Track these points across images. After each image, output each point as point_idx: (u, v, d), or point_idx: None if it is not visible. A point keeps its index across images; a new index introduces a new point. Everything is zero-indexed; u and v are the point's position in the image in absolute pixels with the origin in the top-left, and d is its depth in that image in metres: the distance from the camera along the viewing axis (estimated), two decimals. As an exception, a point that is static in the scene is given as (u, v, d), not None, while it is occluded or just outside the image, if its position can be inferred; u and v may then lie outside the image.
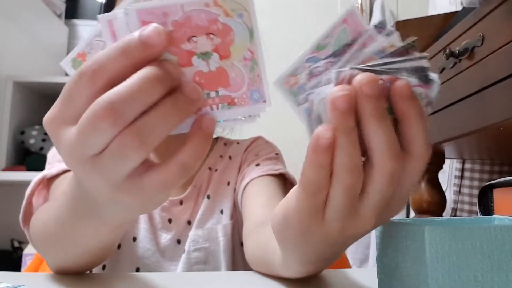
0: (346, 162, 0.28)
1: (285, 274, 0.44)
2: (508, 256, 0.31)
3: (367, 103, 0.28)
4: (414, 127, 0.29)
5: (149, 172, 0.30)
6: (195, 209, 0.74)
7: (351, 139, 0.28)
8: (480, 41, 0.82)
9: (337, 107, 0.28)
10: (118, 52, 0.28)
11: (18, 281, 0.45)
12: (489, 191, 0.86)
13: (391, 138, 0.29)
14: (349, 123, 0.28)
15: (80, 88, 0.29)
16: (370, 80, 0.28)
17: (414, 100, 0.29)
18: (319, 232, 0.32)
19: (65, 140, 0.30)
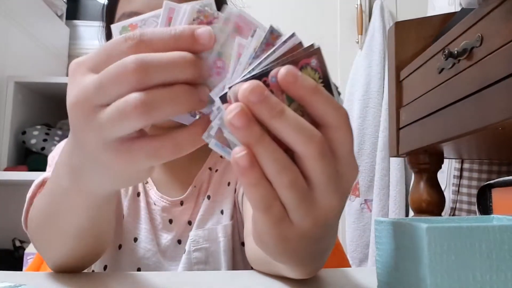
0: (274, 166, 0.29)
1: (290, 276, 0.44)
2: (506, 256, 0.31)
3: (260, 109, 0.28)
4: (315, 102, 0.29)
5: (141, 138, 0.32)
6: (195, 209, 0.75)
7: (267, 144, 0.28)
8: (479, 42, 0.83)
9: (237, 126, 0.28)
10: (169, 35, 0.31)
11: (19, 280, 0.45)
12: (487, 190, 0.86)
13: (300, 125, 0.28)
14: (256, 134, 0.28)
15: (120, 48, 0.31)
16: (251, 89, 0.28)
17: (301, 80, 0.28)
18: (296, 235, 0.32)
19: (81, 82, 0.32)
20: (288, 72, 0.28)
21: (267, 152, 0.28)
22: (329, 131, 0.30)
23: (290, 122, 0.28)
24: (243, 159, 0.28)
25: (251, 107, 0.28)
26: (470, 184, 1.43)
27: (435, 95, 1.02)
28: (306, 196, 0.30)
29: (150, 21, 0.35)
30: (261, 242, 0.35)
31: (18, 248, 1.90)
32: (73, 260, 0.50)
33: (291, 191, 0.29)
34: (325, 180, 0.30)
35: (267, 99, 0.28)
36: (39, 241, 0.51)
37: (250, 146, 0.28)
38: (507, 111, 0.73)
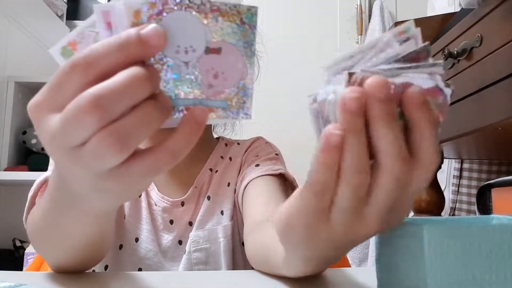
0: (354, 162, 0.29)
1: (287, 274, 0.44)
2: (506, 255, 0.31)
3: (377, 106, 0.28)
4: (424, 134, 0.29)
5: (136, 159, 0.30)
6: (196, 210, 0.75)
7: (360, 140, 0.28)
8: (479, 42, 0.83)
9: (347, 109, 0.28)
10: (114, 47, 0.28)
11: (20, 280, 0.45)
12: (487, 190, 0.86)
13: (399, 141, 0.29)
14: (358, 124, 0.28)
15: (71, 78, 0.29)
16: (381, 84, 0.28)
17: (425, 107, 0.29)
18: (324, 234, 0.32)
19: (47, 127, 0.30)
20: (419, 92, 0.28)
21: (357, 147, 0.28)
22: (416, 165, 0.30)
23: (394, 133, 0.28)
24: (336, 137, 0.28)
25: (371, 99, 0.28)
26: (470, 184, 1.43)
27: (435, 95, 1.02)
28: (359, 206, 0.30)
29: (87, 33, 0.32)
30: (286, 224, 0.34)
31: (18, 248, 1.89)
32: (73, 264, 0.50)
33: (351, 193, 0.30)
34: (383, 203, 0.30)
35: (388, 101, 0.28)
36: (38, 246, 0.50)
37: (345, 131, 0.28)
38: (506, 111, 0.73)
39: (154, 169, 0.30)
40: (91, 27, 0.32)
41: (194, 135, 0.30)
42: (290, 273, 0.43)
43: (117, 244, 0.71)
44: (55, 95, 0.30)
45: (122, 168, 0.30)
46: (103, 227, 0.45)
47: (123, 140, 0.28)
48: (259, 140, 0.85)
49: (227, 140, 0.87)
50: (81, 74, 0.28)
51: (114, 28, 0.30)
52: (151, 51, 0.29)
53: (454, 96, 0.92)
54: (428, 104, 0.29)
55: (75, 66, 0.28)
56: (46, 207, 0.43)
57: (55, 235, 0.45)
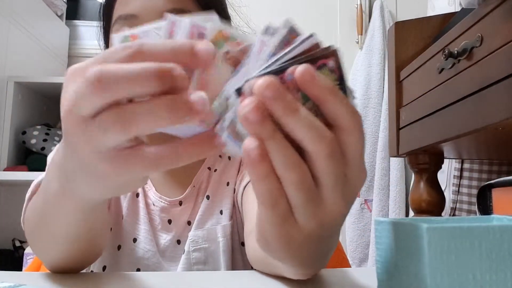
0: (284, 162, 0.29)
1: (290, 277, 0.44)
2: (506, 256, 0.31)
3: (275, 105, 0.28)
4: (331, 102, 0.29)
5: (139, 147, 0.31)
6: (194, 209, 0.74)
7: (278, 140, 0.28)
8: (479, 42, 0.83)
9: (250, 121, 0.28)
10: (168, 47, 0.30)
11: (19, 280, 0.45)
12: (487, 190, 0.86)
13: (312, 123, 0.29)
14: (268, 129, 0.28)
15: (117, 56, 0.30)
16: (267, 84, 0.28)
17: (318, 80, 0.29)
18: (300, 235, 0.32)
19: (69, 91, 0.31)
20: (306, 70, 0.28)
21: (278, 148, 0.29)
22: (341, 133, 0.30)
23: (303, 120, 0.28)
24: (255, 150, 0.28)
25: (266, 102, 0.28)
26: (470, 184, 1.43)
27: (435, 95, 1.02)
28: (313, 196, 0.30)
29: (151, 33, 0.34)
30: (264, 241, 0.34)
31: (18, 248, 1.90)
32: (68, 262, 0.50)
33: (298, 189, 0.30)
34: (332, 181, 0.30)
35: (282, 96, 0.28)
36: (33, 243, 0.51)
37: (261, 140, 0.28)
38: (507, 111, 0.73)
39: (153, 164, 0.31)
40: (157, 29, 0.34)
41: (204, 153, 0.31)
42: (291, 276, 0.43)
43: (115, 245, 0.71)
44: (94, 64, 0.31)
45: (123, 153, 0.31)
46: (94, 221, 0.45)
47: (126, 123, 0.29)
48: None
49: (227, 139, 0.87)
50: (129, 56, 0.30)
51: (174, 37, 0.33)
52: (197, 63, 0.30)
53: (455, 96, 0.92)
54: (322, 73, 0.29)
55: (128, 47, 0.30)
56: (39, 200, 0.44)
57: (46, 228, 0.45)
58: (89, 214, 0.43)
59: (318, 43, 0.30)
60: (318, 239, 0.33)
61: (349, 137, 0.30)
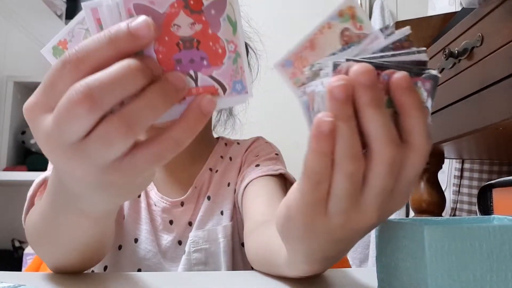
0: (346, 150, 0.29)
1: (289, 274, 0.44)
2: (507, 256, 0.31)
3: (364, 93, 0.28)
4: (413, 118, 0.29)
5: (140, 148, 0.30)
6: (195, 210, 0.74)
7: (350, 127, 0.29)
8: (480, 42, 0.82)
9: (335, 97, 0.28)
10: (105, 41, 0.28)
11: (19, 281, 0.45)
12: (488, 191, 0.86)
13: (388, 126, 0.29)
14: (347, 112, 0.28)
15: (63, 76, 0.29)
16: (366, 70, 0.28)
17: (412, 91, 0.29)
18: (323, 227, 0.32)
19: (42, 128, 0.29)
20: (405, 77, 0.29)
21: (349, 133, 0.29)
22: (408, 150, 0.30)
23: (383, 117, 0.29)
24: (327, 124, 0.28)
25: (357, 86, 0.28)
26: (471, 184, 1.43)
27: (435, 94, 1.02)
28: (354, 194, 0.30)
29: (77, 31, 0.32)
30: (287, 217, 0.34)
31: (17, 248, 1.89)
32: (73, 265, 0.50)
33: (347, 180, 0.30)
34: (378, 190, 0.30)
35: (374, 87, 0.28)
36: (36, 246, 0.50)
37: (335, 120, 0.28)
38: (508, 110, 0.73)
39: (158, 158, 0.30)
40: (80, 24, 0.32)
41: (199, 124, 0.30)
42: (292, 272, 0.43)
43: (116, 245, 0.71)
44: (48, 94, 0.30)
45: (126, 159, 0.30)
46: (104, 228, 0.45)
47: (129, 125, 0.28)
48: (259, 140, 0.84)
49: (227, 140, 0.87)
50: (73, 70, 0.28)
51: (104, 24, 0.30)
52: (141, 43, 0.28)
53: (455, 96, 0.92)
54: (415, 88, 0.30)
55: (66, 63, 0.28)
56: (46, 209, 0.42)
57: (54, 237, 0.44)
58: (100, 224, 0.43)
59: (426, 61, 0.30)
60: (337, 239, 0.33)
61: (414, 156, 0.30)
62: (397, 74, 0.29)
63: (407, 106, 0.29)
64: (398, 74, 0.29)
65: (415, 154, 0.30)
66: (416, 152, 0.30)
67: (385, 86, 0.29)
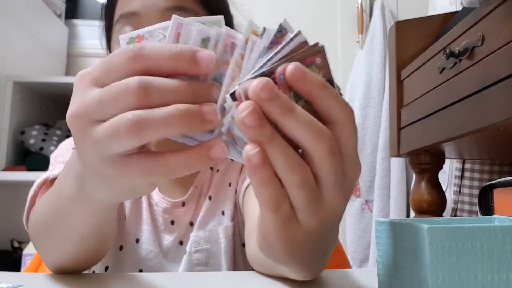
0: (285, 164, 0.29)
1: (289, 276, 0.44)
2: (508, 256, 0.31)
3: (271, 106, 0.28)
4: (323, 98, 0.29)
5: (139, 155, 0.31)
6: (196, 210, 0.74)
7: (278, 143, 0.28)
8: (480, 41, 0.82)
9: (249, 126, 0.28)
10: (169, 53, 0.31)
11: (17, 281, 0.45)
12: (489, 191, 0.86)
13: (309, 122, 0.29)
14: (267, 133, 0.28)
15: (119, 60, 0.31)
16: (261, 86, 0.28)
17: (309, 76, 0.29)
18: (302, 235, 0.32)
19: (84, 96, 0.32)
20: (296, 67, 0.28)
21: (279, 150, 0.28)
22: (335, 128, 0.30)
23: (301, 119, 0.28)
24: (256, 156, 0.28)
25: (262, 104, 0.28)
26: (472, 184, 1.43)
27: (436, 94, 1.02)
28: (315, 195, 0.30)
29: (157, 34, 0.35)
30: (266, 244, 0.34)
31: (16, 249, 1.90)
32: (74, 263, 0.50)
33: (301, 190, 0.30)
34: (333, 179, 0.30)
35: (277, 96, 0.28)
36: (39, 244, 0.51)
37: (261, 145, 0.28)
38: (508, 110, 0.73)
39: (148, 173, 0.31)
40: (163, 30, 0.34)
41: (200, 164, 0.31)
42: (293, 276, 0.43)
43: (118, 245, 0.71)
44: (101, 69, 0.32)
45: (125, 159, 0.31)
46: (106, 221, 0.45)
47: (142, 127, 0.29)
48: None
49: (228, 140, 0.86)
50: (131, 60, 0.31)
51: (181, 39, 0.33)
52: (197, 71, 0.31)
53: (456, 96, 0.92)
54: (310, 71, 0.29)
55: (129, 51, 0.31)
56: (52, 200, 0.44)
57: (57, 229, 0.45)
58: (102, 217, 0.43)
59: (306, 40, 0.30)
60: (319, 237, 0.33)
61: (343, 131, 0.30)
62: (288, 69, 0.28)
63: (313, 92, 0.29)
64: (289, 67, 0.28)
65: (344, 128, 0.30)
66: (344, 127, 0.30)
67: (286, 84, 0.29)
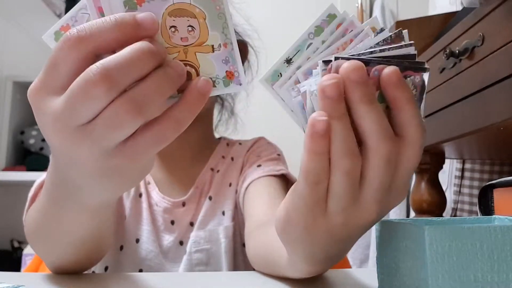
0: (342, 147, 0.29)
1: (290, 275, 0.44)
2: (508, 256, 0.31)
3: (355, 89, 0.28)
4: (405, 111, 0.30)
5: (143, 130, 0.31)
6: (197, 210, 0.74)
7: (344, 124, 0.29)
8: (480, 41, 0.82)
9: (327, 95, 0.28)
10: (110, 24, 0.29)
11: (18, 281, 0.45)
12: (489, 191, 0.86)
13: (382, 121, 0.29)
14: (340, 109, 0.28)
15: (65, 55, 0.29)
16: (355, 67, 0.28)
17: (403, 85, 0.29)
18: (323, 226, 0.32)
19: (50, 110, 0.30)
20: (395, 71, 0.29)
21: (343, 131, 0.29)
22: (403, 144, 0.30)
23: (375, 113, 0.29)
24: (322, 123, 0.28)
25: (348, 84, 0.28)
26: (472, 184, 1.43)
27: (436, 94, 1.02)
28: (353, 191, 0.30)
29: (80, 16, 0.33)
30: (286, 221, 0.34)
31: (16, 249, 1.89)
32: (72, 263, 0.50)
33: (345, 178, 0.30)
34: (377, 185, 0.30)
35: (365, 83, 0.28)
36: (36, 245, 0.50)
37: (329, 118, 0.28)
38: (509, 110, 0.73)
39: (161, 138, 0.31)
40: (84, 10, 0.32)
41: (198, 104, 0.31)
42: (293, 273, 0.43)
43: (118, 245, 0.71)
44: (52, 76, 0.30)
45: (129, 141, 0.31)
46: (102, 223, 0.45)
47: (139, 106, 0.29)
48: (261, 140, 0.84)
49: (229, 140, 0.86)
50: (75, 48, 0.29)
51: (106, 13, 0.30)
52: (145, 34, 0.30)
53: (456, 96, 0.92)
54: (406, 82, 0.30)
55: (67, 41, 0.29)
56: (44, 204, 0.42)
57: (53, 233, 0.44)
58: (100, 217, 0.42)
59: (415, 54, 0.30)
60: (338, 238, 0.33)
61: (409, 150, 0.30)
62: (387, 69, 0.29)
63: (399, 101, 0.29)
64: (388, 69, 0.29)
65: (410, 147, 0.30)
66: (411, 146, 0.30)
67: (376, 82, 0.29)
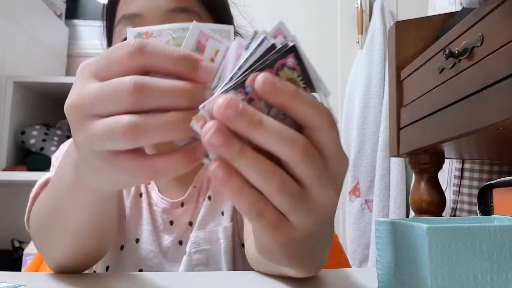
0: (259, 175, 0.28)
1: (289, 274, 0.44)
2: (507, 256, 0.31)
3: (239, 123, 0.27)
4: (297, 107, 0.29)
5: (126, 155, 0.31)
6: (196, 210, 0.74)
7: (247, 156, 0.28)
8: (480, 41, 0.82)
9: (215, 145, 0.27)
10: (171, 55, 0.31)
11: (18, 281, 0.45)
12: (488, 191, 0.86)
13: (279, 132, 0.28)
14: (235, 148, 0.28)
15: (120, 54, 0.31)
16: (226, 103, 0.27)
17: (279, 87, 0.28)
18: (300, 236, 0.32)
19: (82, 88, 0.32)
20: (264, 80, 0.28)
21: (250, 164, 0.28)
22: (313, 132, 0.30)
23: (270, 131, 0.28)
24: (218, 170, 0.28)
25: (229, 122, 0.27)
26: (471, 184, 1.43)
27: (435, 95, 1.02)
28: (301, 197, 0.30)
29: (165, 34, 0.34)
30: (265, 250, 0.34)
31: (17, 248, 1.89)
32: (75, 260, 0.50)
33: (283, 195, 0.29)
34: (315, 179, 0.30)
35: (243, 112, 0.27)
36: (40, 239, 0.51)
37: (231, 161, 0.28)
38: (507, 111, 0.73)
39: (133, 174, 0.32)
40: (171, 31, 0.34)
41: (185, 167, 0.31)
42: (292, 273, 0.43)
43: (118, 245, 0.71)
44: (102, 62, 0.32)
45: (113, 156, 0.32)
46: (104, 212, 0.46)
47: (136, 133, 0.29)
48: None
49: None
50: (131, 54, 0.31)
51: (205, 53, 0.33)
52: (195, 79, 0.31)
53: (455, 96, 0.92)
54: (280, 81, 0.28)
55: (131, 45, 0.31)
56: (51, 191, 0.45)
57: (57, 219, 0.46)
58: (101, 206, 0.44)
59: (273, 44, 0.29)
60: (316, 235, 0.33)
61: (321, 134, 0.30)
62: (256, 83, 0.28)
63: (284, 103, 0.28)
64: (257, 80, 0.28)
65: (321, 132, 0.30)
66: (321, 130, 0.29)
67: (256, 95, 0.28)
